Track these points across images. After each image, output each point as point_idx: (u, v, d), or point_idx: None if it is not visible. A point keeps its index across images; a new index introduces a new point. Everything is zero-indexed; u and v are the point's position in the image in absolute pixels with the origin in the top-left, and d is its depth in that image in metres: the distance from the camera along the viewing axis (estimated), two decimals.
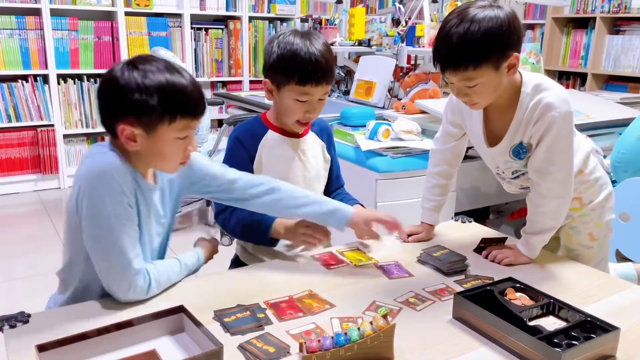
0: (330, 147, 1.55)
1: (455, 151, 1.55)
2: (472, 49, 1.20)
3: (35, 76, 3.80)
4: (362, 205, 1.50)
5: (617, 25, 4.27)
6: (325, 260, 1.36)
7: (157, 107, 1.03)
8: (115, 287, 1.08)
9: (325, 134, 1.54)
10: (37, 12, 3.74)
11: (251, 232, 1.41)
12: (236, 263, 1.52)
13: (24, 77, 3.78)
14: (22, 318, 1.03)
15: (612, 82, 4.33)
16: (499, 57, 1.22)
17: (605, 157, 2.33)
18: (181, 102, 1.06)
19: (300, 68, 1.31)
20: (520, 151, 1.37)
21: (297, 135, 1.46)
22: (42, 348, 0.89)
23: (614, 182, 2.29)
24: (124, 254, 1.06)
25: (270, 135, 1.44)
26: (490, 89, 1.27)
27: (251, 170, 1.42)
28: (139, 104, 1.03)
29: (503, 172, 1.47)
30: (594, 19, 4.28)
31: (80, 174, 1.06)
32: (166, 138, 1.07)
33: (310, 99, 1.36)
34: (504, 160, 1.42)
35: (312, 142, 1.50)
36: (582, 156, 1.46)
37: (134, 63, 1.05)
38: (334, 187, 1.59)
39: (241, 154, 1.42)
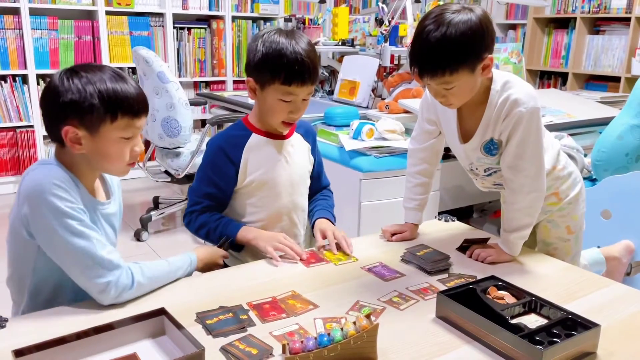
0: (314, 149, 1.55)
1: (434, 149, 1.56)
2: (448, 56, 1.22)
3: (14, 76, 3.74)
4: (330, 219, 1.52)
5: (597, 25, 4.33)
6: (307, 259, 1.35)
7: (98, 106, 1.05)
8: (97, 288, 1.06)
9: (310, 136, 1.54)
10: (15, 12, 3.68)
11: (215, 236, 1.41)
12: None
13: (3, 78, 3.72)
14: None
15: (593, 81, 4.38)
16: (474, 61, 1.24)
17: (586, 155, 2.37)
18: (121, 101, 1.08)
19: (285, 67, 1.30)
20: (492, 147, 1.39)
21: (283, 137, 1.45)
22: (19, 353, 0.87)
23: (594, 180, 2.32)
24: (94, 251, 1.05)
25: (255, 138, 1.42)
26: (466, 91, 1.29)
27: (233, 180, 1.42)
28: (79, 105, 1.05)
29: (477, 169, 1.49)
30: (575, 19, 4.34)
31: (25, 190, 1.05)
32: (110, 138, 1.09)
33: (294, 99, 1.35)
34: (476, 157, 1.44)
35: (298, 144, 1.49)
36: (553, 153, 1.50)
37: (75, 70, 1.07)
38: (316, 187, 1.59)
39: (224, 165, 1.40)
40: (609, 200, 2.10)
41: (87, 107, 1.05)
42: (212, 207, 1.43)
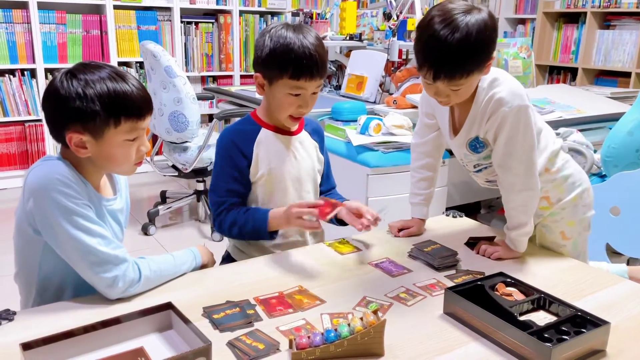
0: (322, 147, 1.53)
1: (435, 143, 1.54)
2: (469, 59, 1.19)
3: (22, 70, 3.76)
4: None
5: (607, 20, 4.29)
6: (321, 209, 1.29)
7: (100, 112, 1.04)
8: (104, 282, 1.06)
9: (317, 135, 1.52)
10: (24, 6, 3.69)
11: (248, 231, 1.37)
12: (227, 259, 1.51)
13: (11, 72, 3.73)
14: (8, 316, 1.02)
15: (603, 76, 4.34)
16: (486, 61, 1.23)
17: (595, 151, 2.35)
18: (124, 105, 1.06)
19: (294, 62, 1.29)
20: (477, 145, 1.38)
21: (291, 133, 1.44)
22: (27, 346, 0.88)
23: (604, 176, 2.30)
24: (100, 246, 1.05)
25: (264, 133, 1.41)
26: (470, 90, 1.28)
27: (246, 173, 1.40)
28: (81, 111, 1.03)
29: (466, 165, 1.48)
30: (585, 13, 4.29)
31: (29, 186, 1.04)
32: (115, 142, 1.08)
33: (303, 93, 1.34)
34: (463, 153, 1.43)
35: (306, 141, 1.48)
36: (547, 155, 1.42)
37: (74, 72, 1.05)
38: (326, 187, 1.57)
39: (238, 159, 1.39)
40: (619, 197, 2.09)
41: (89, 114, 1.03)
42: (237, 204, 1.40)
